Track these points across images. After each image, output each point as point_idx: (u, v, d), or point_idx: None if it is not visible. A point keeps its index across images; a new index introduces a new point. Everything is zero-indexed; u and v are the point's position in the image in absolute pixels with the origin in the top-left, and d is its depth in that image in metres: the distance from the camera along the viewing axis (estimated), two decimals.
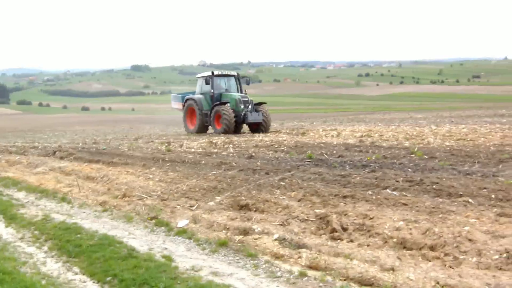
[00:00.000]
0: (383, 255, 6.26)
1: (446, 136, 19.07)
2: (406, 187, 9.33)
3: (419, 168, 11.65)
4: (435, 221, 7.04)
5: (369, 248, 6.57)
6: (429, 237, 6.52)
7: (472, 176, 10.20)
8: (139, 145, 21.90)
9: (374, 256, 6.23)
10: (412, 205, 8.00)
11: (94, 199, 11.35)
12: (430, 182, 9.46)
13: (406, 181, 9.75)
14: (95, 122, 73.76)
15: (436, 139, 18.24)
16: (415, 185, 9.41)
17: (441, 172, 10.86)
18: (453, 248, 6.12)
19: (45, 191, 12.76)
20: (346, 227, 7.33)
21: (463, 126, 24.86)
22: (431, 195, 8.68)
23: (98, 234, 8.33)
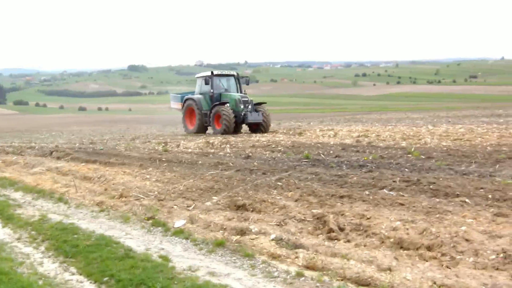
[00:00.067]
0: (380, 255, 6.26)
1: (443, 136, 19.11)
2: (403, 187, 9.33)
3: (416, 168, 11.66)
4: (432, 221, 7.05)
5: (366, 248, 6.57)
6: (426, 237, 6.52)
7: (469, 176, 10.21)
8: (136, 145, 21.89)
9: (371, 256, 6.23)
10: (409, 205, 8.01)
11: (91, 200, 11.34)
12: (427, 182, 9.47)
13: (403, 181, 9.76)
14: (92, 122, 73.74)
15: (433, 139, 18.27)
16: (412, 185, 9.41)
17: (438, 172, 10.87)
18: (450, 248, 6.12)
19: (42, 191, 12.74)
20: (343, 227, 7.33)
21: (460, 126, 24.92)
22: (428, 195, 8.69)
23: (95, 234, 8.32)
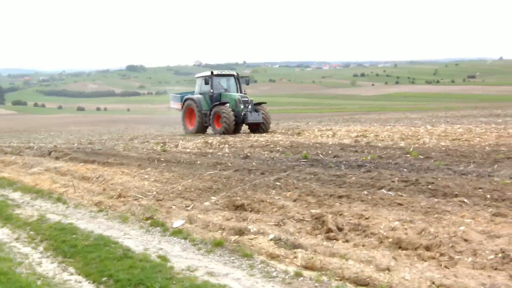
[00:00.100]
0: (378, 255, 6.26)
1: (441, 136, 19.13)
2: (401, 187, 9.34)
3: (415, 168, 11.67)
4: (431, 221, 7.05)
5: (365, 248, 6.58)
6: (424, 237, 6.52)
7: (468, 176, 10.23)
8: (134, 145, 21.88)
9: (369, 256, 6.23)
10: (407, 205, 8.01)
11: (89, 200, 11.33)
12: (425, 182, 9.47)
13: (401, 181, 9.76)
14: (91, 122, 73.71)
15: (432, 139, 18.29)
16: (411, 185, 9.42)
17: (436, 172, 10.88)
18: (449, 248, 6.12)
19: (41, 191, 12.73)
20: (342, 227, 7.33)
21: (458, 126, 24.93)
22: (426, 195, 8.70)
23: (94, 234, 8.32)
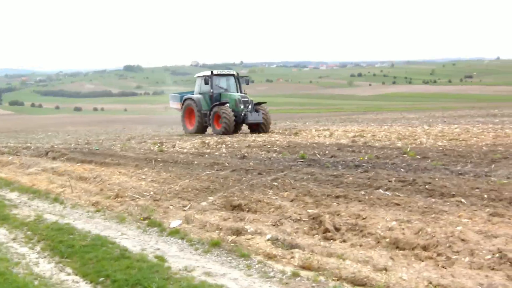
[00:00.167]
0: (376, 255, 6.27)
1: (438, 136, 19.15)
2: (398, 187, 9.35)
3: (412, 168, 11.68)
4: (428, 221, 7.06)
5: (362, 248, 6.58)
6: (421, 237, 6.53)
7: (465, 176, 10.24)
8: (131, 145, 21.86)
9: (367, 256, 6.24)
10: (404, 205, 8.02)
11: (86, 200, 11.32)
12: (422, 182, 9.48)
13: (398, 181, 9.77)
14: (88, 123, 73.59)
15: (429, 139, 18.31)
16: (408, 185, 9.43)
17: (433, 172, 10.89)
18: (446, 248, 6.13)
19: (38, 191, 12.72)
20: (339, 227, 7.33)
21: (455, 126, 24.97)
22: (423, 195, 8.71)
23: (91, 234, 8.32)
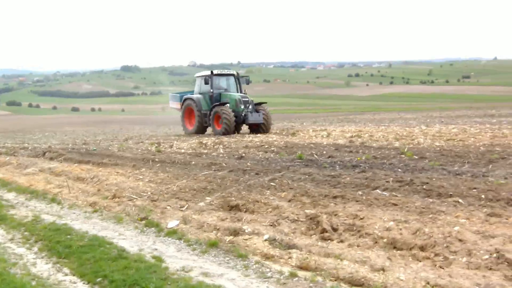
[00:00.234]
0: (373, 255, 6.27)
1: (436, 136, 19.16)
2: (396, 187, 9.35)
3: (409, 168, 11.69)
4: (425, 221, 7.06)
5: (360, 249, 6.58)
6: (419, 237, 6.53)
7: (462, 176, 10.24)
8: (129, 145, 21.83)
9: (364, 256, 6.24)
10: (402, 205, 8.02)
11: (84, 200, 11.31)
12: (420, 182, 9.48)
13: (396, 182, 9.77)
14: (85, 123, 73.56)
15: (426, 139, 18.33)
16: (405, 185, 9.43)
17: (431, 172, 10.89)
18: (443, 248, 6.13)
19: (35, 192, 12.71)
20: (336, 227, 7.33)
21: (453, 126, 24.98)
22: (421, 195, 8.71)
23: (88, 235, 8.31)
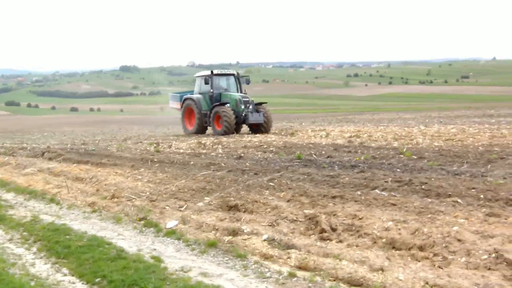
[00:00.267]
0: (372, 255, 6.27)
1: (435, 137, 19.17)
2: (395, 187, 9.35)
3: (408, 168, 11.69)
4: (424, 221, 7.06)
5: (358, 249, 6.58)
6: (418, 237, 6.53)
7: (461, 176, 10.25)
8: (128, 146, 21.83)
9: (363, 256, 6.24)
10: (401, 206, 8.02)
11: (83, 200, 11.31)
12: (419, 182, 9.49)
13: (395, 182, 9.78)
14: (84, 123, 73.52)
15: (425, 139, 18.33)
16: (404, 185, 9.43)
17: (430, 172, 10.90)
18: (442, 248, 6.13)
19: (34, 192, 12.70)
20: (335, 227, 7.33)
21: (451, 126, 25.00)
22: (420, 195, 8.71)
23: (87, 235, 8.30)
